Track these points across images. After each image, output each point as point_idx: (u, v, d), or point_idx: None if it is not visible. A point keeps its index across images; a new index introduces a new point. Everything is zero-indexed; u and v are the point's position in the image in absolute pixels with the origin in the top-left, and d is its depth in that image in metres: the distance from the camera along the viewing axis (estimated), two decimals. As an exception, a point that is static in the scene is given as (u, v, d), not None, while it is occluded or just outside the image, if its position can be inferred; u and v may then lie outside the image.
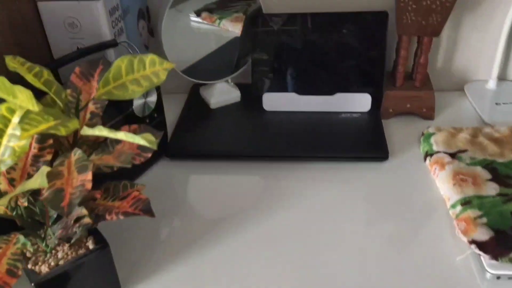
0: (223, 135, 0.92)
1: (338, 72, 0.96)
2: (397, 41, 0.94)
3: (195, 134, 0.92)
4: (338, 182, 0.81)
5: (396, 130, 0.93)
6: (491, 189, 0.73)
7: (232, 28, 0.96)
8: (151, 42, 1.02)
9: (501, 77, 1.03)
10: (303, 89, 0.97)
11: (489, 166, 0.77)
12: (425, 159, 0.84)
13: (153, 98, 0.80)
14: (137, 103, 0.78)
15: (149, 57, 0.51)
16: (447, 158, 0.80)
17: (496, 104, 0.97)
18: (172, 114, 0.98)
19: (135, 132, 0.56)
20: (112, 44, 0.78)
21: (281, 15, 0.95)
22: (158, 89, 0.82)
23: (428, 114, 0.96)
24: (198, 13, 0.94)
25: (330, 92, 0.95)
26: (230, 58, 1.01)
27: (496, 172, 0.76)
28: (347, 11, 0.93)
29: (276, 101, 0.97)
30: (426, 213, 0.74)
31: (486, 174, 0.76)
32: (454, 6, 0.83)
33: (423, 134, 0.89)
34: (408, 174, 0.82)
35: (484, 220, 0.67)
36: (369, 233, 0.71)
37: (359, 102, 0.95)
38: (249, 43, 0.97)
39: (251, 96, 0.99)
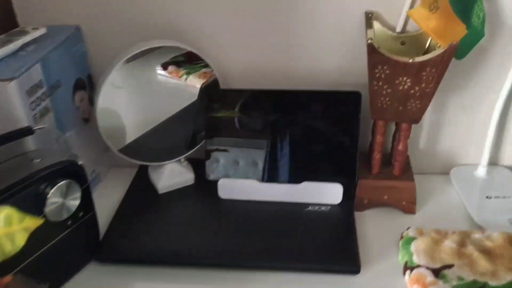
0: (168, 232, 0.78)
1: (305, 157, 0.83)
2: (373, 125, 0.81)
3: (134, 231, 0.78)
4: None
5: (371, 226, 0.80)
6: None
7: (199, 85, 0.84)
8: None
9: (493, 162, 0.91)
10: (264, 176, 0.83)
11: (479, 291, 0.63)
12: (404, 272, 0.70)
13: (74, 201, 0.66)
14: (52, 205, 0.63)
15: (4, 212, 0.37)
16: (430, 277, 0.66)
17: (487, 197, 0.83)
18: (118, 194, 0.85)
19: (7, 286, 0.41)
20: (26, 132, 0.65)
21: (241, 91, 0.83)
22: (85, 183, 0.68)
23: (408, 208, 0.82)
24: (164, 67, 0.82)
25: (296, 180, 0.82)
26: (184, 133, 0.88)
27: (488, 301, 0.62)
28: (315, 89, 0.81)
29: (233, 189, 0.83)
30: None
31: (476, 304, 0.62)
32: (436, 91, 0.71)
33: (402, 237, 0.75)
34: (384, 292, 0.68)
35: None
36: None
37: (329, 193, 0.81)
38: (203, 119, 0.84)
39: (206, 179, 0.85)
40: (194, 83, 0.84)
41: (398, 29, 0.77)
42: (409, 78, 0.70)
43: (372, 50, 0.68)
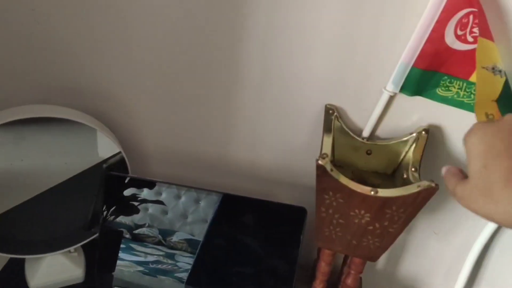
0: None
1: (231, 277, 0.63)
2: (317, 250, 0.62)
3: None
4: None
5: None
6: None
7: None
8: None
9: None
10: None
11: None
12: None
13: None
14: None
15: None
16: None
17: None
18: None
19: None
20: None
21: (155, 183, 0.63)
22: None
23: None
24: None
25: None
26: (77, 213, 0.67)
27: None
28: (251, 196, 0.61)
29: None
30: None
31: None
32: (401, 233, 0.53)
33: None
34: None
35: None
36: None
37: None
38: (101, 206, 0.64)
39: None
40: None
41: (365, 134, 0.59)
42: (368, 213, 0.51)
43: (322, 173, 0.49)
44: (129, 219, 0.64)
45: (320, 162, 0.49)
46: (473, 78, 0.51)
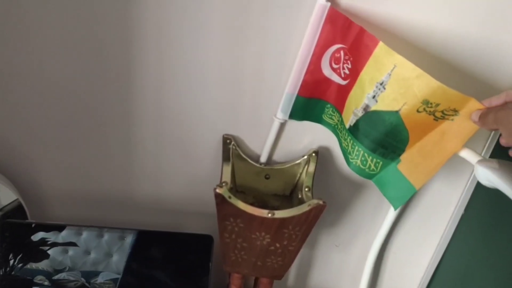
0: None
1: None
2: (227, 274, 0.65)
3: None
4: None
5: None
6: None
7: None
8: None
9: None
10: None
11: None
12: None
13: None
14: None
15: None
16: None
17: None
18: None
19: None
20: None
21: (65, 226, 0.61)
22: None
23: None
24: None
25: None
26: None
27: None
28: (156, 230, 0.62)
29: None
30: None
31: None
32: (300, 249, 0.57)
33: None
34: None
35: None
36: None
37: None
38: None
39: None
40: None
41: (263, 160, 0.63)
42: (268, 234, 0.55)
43: (221, 201, 0.52)
44: (46, 264, 0.61)
45: (217, 190, 0.51)
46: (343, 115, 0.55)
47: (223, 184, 0.53)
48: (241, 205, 0.53)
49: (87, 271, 0.62)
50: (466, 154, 0.49)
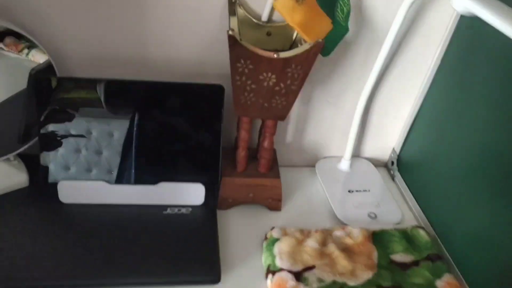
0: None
1: (162, 155, 0.74)
2: (237, 120, 0.75)
3: None
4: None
5: (235, 226, 0.75)
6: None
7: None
8: None
9: (355, 154, 0.92)
10: (114, 177, 0.72)
11: (338, 293, 0.63)
12: (266, 276, 0.67)
13: None
14: None
15: None
16: (291, 281, 0.64)
17: (349, 191, 0.84)
18: None
19: None
20: None
21: (83, 80, 0.69)
22: None
23: (274, 205, 0.79)
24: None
25: (152, 181, 0.73)
26: (14, 124, 0.72)
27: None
28: (173, 81, 0.71)
29: (77, 192, 0.71)
30: None
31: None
32: (302, 88, 0.66)
33: (266, 238, 0.72)
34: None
35: None
36: None
37: (190, 194, 0.74)
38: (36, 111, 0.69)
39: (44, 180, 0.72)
40: (39, 59, 0.68)
41: (264, 18, 0.70)
42: (274, 74, 0.64)
43: (233, 42, 0.60)
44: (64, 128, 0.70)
45: (230, 33, 0.59)
46: None
47: (232, 29, 0.61)
48: (251, 47, 0.61)
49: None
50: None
